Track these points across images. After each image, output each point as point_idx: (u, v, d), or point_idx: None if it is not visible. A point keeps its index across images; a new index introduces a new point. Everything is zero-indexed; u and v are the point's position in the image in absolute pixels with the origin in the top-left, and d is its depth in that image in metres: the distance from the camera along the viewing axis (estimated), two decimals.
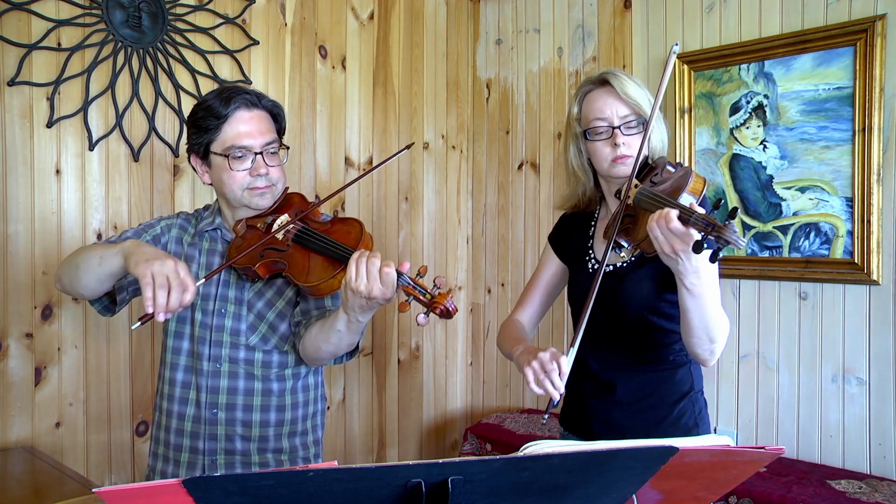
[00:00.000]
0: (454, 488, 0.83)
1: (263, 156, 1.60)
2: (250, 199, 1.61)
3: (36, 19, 2.17)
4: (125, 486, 0.76)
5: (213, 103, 1.59)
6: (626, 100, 1.59)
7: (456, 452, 3.39)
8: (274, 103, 1.66)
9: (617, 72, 1.63)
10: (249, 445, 1.64)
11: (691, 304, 1.42)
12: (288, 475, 0.79)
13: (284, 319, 1.66)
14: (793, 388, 2.50)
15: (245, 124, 1.59)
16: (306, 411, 1.72)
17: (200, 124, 1.60)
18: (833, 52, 2.37)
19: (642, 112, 1.59)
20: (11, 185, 2.15)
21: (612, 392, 1.65)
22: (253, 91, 1.64)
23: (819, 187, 2.42)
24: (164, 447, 1.68)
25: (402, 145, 3.17)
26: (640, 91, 1.61)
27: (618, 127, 1.59)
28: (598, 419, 1.68)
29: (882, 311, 2.31)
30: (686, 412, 1.64)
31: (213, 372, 1.63)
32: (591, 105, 1.63)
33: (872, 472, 2.33)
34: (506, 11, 3.34)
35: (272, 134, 1.63)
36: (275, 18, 2.73)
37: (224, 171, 1.59)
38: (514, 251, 3.29)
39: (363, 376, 3.06)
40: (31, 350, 2.18)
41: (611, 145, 1.59)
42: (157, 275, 1.36)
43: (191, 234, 1.72)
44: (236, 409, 1.63)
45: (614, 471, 0.94)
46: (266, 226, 1.61)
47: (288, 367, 1.67)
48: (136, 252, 1.43)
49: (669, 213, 1.29)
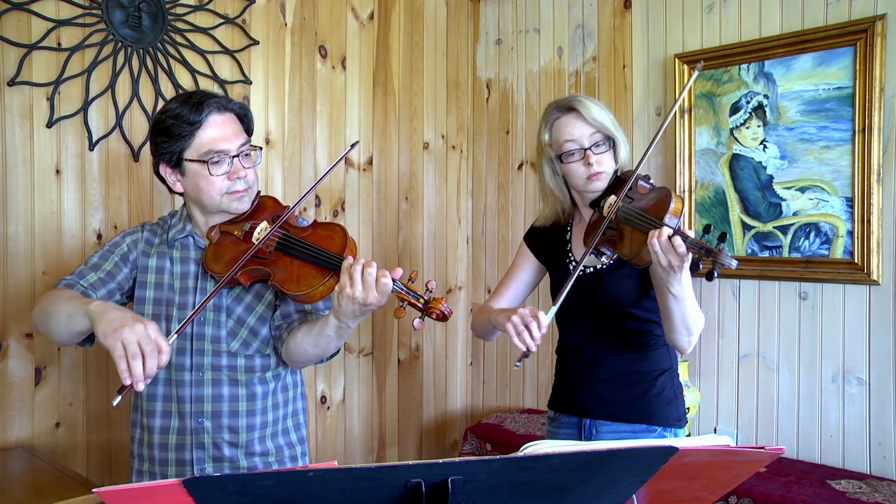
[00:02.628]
0: (454, 488, 0.83)
1: (240, 158, 1.58)
2: (229, 203, 1.59)
3: (36, 19, 2.17)
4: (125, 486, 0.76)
5: (183, 111, 1.55)
6: (593, 123, 1.75)
7: (456, 452, 3.39)
8: (241, 105, 1.65)
9: (581, 97, 1.80)
10: (237, 451, 1.63)
11: (674, 306, 1.61)
12: (288, 475, 0.79)
13: (265, 323, 1.65)
14: (793, 388, 2.50)
15: (219, 128, 1.56)
16: (286, 410, 1.72)
17: (172, 132, 1.55)
18: (833, 52, 2.37)
19: (609, 132, 1.77)
20: (11, 185, 2.15)
21: (598, 369, 1.85)
22: (218, 94, 1.63)
23: (819, 187, 2.41)
24: (150, 463, 1.66)
25: (403, 145, 3.18)
26: (604, 113, 1.78)
27: (589, 148, 1.75)
28: (587, 395, 1.85)
29: (882, 311, 2.31)
30: (666, 386, 1.82)
31: (195, 381, 1.61)
32: (561, 130, 1.80)
33: (872, 472, 2.33)
34: (506, 11, 3.34)
35: (244, 135, 1.62)
36: (275, 18, 2.73)
37: (201, 177, 1.57)
38: (514, 251, 3.28)
39: (363, 376, 3.06)
40: (31, 350, 2.18)
41: (584, 164, 1.76)
42: (129, 343, 1.30)
43: (157, 244, 1.68)
44: (222, 416, 1.62)
45: (614, 471, 0.94)
46: (244, 232, 1.58)
47: (270, 369, 1.67)
48: (103, 319, 1.35)
49: (676, 238, 1.47)
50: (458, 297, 3.45)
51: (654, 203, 1.64)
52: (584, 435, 1.86)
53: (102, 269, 1.62)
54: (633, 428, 1.81)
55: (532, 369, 3.26)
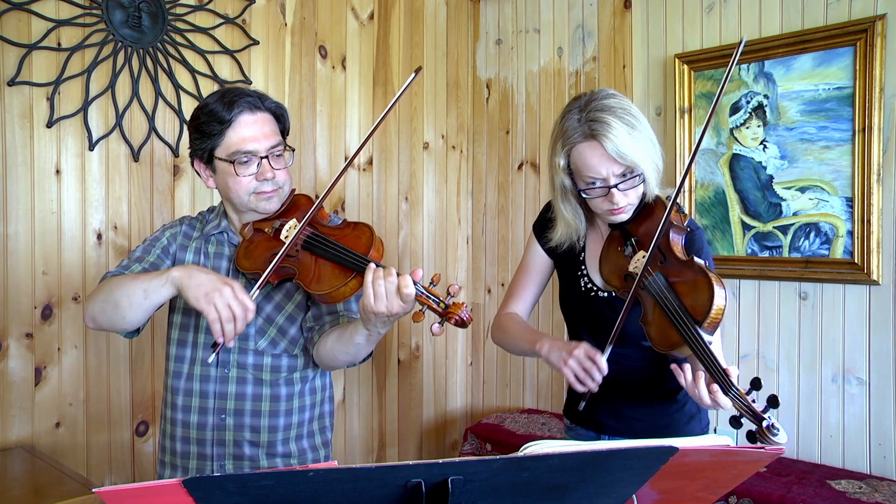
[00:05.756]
0: (454, 488, 0.83)
1: (269, 159, 1.56)
2: (257, 203, 1.59)
3: (36, 19, 2.17)
4: (125, 486, 0.76)
5: (216, 107, 1.55)
6: (620, 160, 1.49)
7: (456, 452, 3.39)
8: (277, 104, 1.63)
9: (607, 118, 1.49)
10: (258, 451, 1.63)
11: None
12: (288, 475, 0.79)
13: (294, 323, 1.64)
14: (793, 388, 2.50)
15: (249, 128, 1.55)
16: (313, 413, 1.71)
17: (203, 129, 1.56)
18: (833, 52, 2.37)
19: (637, 167, 1.51)
20: (11, 185, 2.15)
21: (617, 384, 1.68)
22: (255, 92, 1.60)
23: (819, 187, 2.41)
24: (172, 455, 1.67)
25: (403, 145, 3.18)
26: (633, 142, 1.49)
27: (615, 185, 1.52)
28: (605, 411, 1.74)
29: (882, 311, 2.31)
30: (689, 401, 1.70)
31: (220, 378, 1.62)
32: (582, 161, 1.53)
33: (872, 472, 2.33)
34: (506, 11, 3.34)
35: (276, 136, 1.60)
36: (275, 18, 2.73)
37: (230, 176, 1.57)
38: (514, 251, 3.29)
39: (363, 376, 3.06)
40: (31, 350, 2.18)
41: (608, 202, 1.55)
42: (222, 308, 1.39)
43: (194, 238, 1.69)
44: (244, 415, 1.62)
45: (614, 471, 0.94)
46: (274, 230, 1.58)
47: (297, 370, 1.66)
48: (192, 284, 1.42)
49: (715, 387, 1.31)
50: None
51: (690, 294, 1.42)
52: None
53: (146, 260, 1.63)
54: None
55: (532, 369, 3.26)
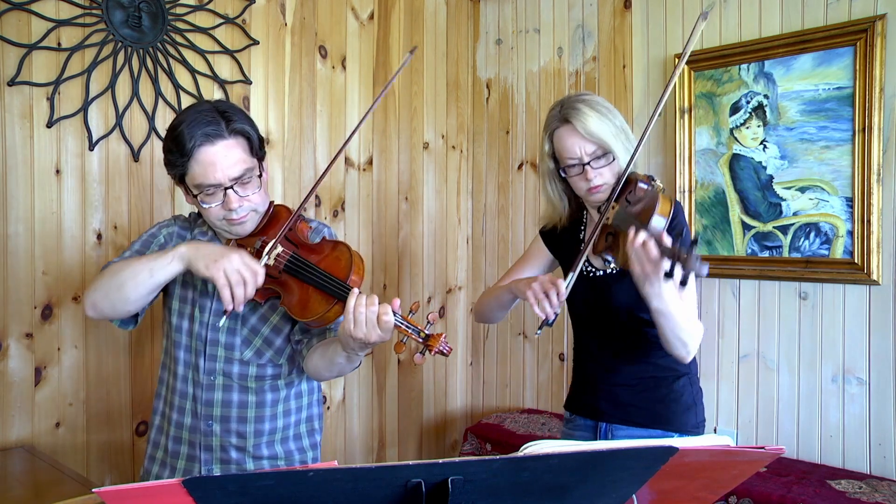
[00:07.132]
0: (454, 488, 0.83)
1: (236, 188, 1.51)
2: (230, 227, 1.57)
3: (36, 19, 2.17)
4: (125, 486, 0.76)
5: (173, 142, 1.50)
6: (590, 139, 1.67)
7: (456, 452, 3.39)
8: (243, 125, 1.53)
9: (579, 105, 1.69)
10: (243, 455, 1.64)
11: (661, 320, 1.58)
12: (288, 475, 0.79)
13: (280, 334, 1.65)
14: (793, 388, 2.50)
15: (209, 161, 1.48)
16: (300, 417, 1.72)
17: (169, 158, 1.53)
18: (833, 52, 2.37)
19: (606, 146, 1.68)
20: (11, 185, 2.15)
21: (614, 374, 1.81)
22: (216, 117, 1.51)
23: (819, 187, 2.41)
24: (163, 452, 1.68)
25: (403, 145, 3.18)
26: (601, 123, 1.68)
27: (587, 163, 1.69)
28: (603, 398, 1.82)
29: (882, 311, 2.31)
30: (685, 391, 1.79)
31: (207, 385, 1.63)
32: (560, 143, 1.73)
33: (872, 472, 2.33)
34: (506, 11, 3.34)
35: (242, 163, 1.52)
36: (275, 18, 2.72)
37: (199, 204, 1.55)
38: (514, 251, 3.29)
39: (363, 376, 3.06)
40: (31, 350, 2.18)
41: (584, 179, 1.70)
42: (231, 273, 1.43)
43: (188, 239, 1.69)
44: (230, 421, 1.63)
45: (614, 471, 0.94)
46: (255, 250, 1.56)
47: (281, 377, 1.67)
48: (199, 255, 1.47)
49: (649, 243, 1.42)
50: (458, 297, 3.45)
51: (643, 205, 1.59)
52: (598, 438, 1.83)
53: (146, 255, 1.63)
54: (650, 433, 1.75)
55: (532, 369, 3.26)
